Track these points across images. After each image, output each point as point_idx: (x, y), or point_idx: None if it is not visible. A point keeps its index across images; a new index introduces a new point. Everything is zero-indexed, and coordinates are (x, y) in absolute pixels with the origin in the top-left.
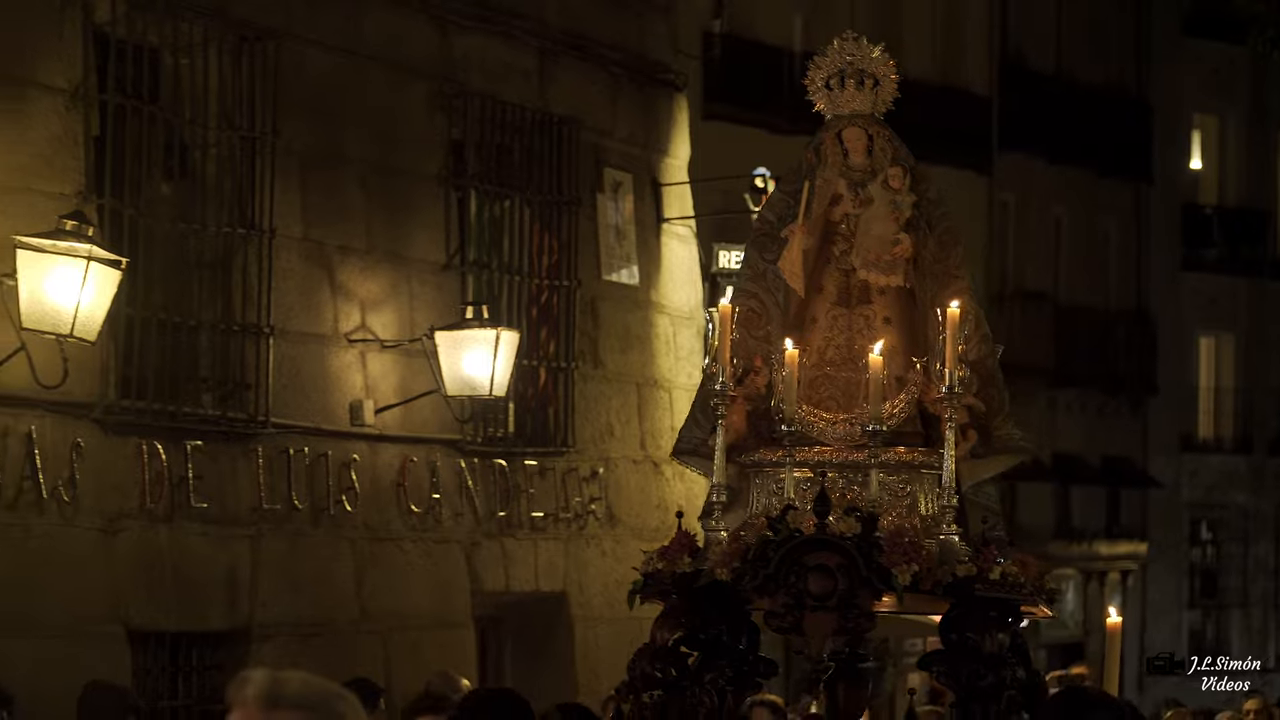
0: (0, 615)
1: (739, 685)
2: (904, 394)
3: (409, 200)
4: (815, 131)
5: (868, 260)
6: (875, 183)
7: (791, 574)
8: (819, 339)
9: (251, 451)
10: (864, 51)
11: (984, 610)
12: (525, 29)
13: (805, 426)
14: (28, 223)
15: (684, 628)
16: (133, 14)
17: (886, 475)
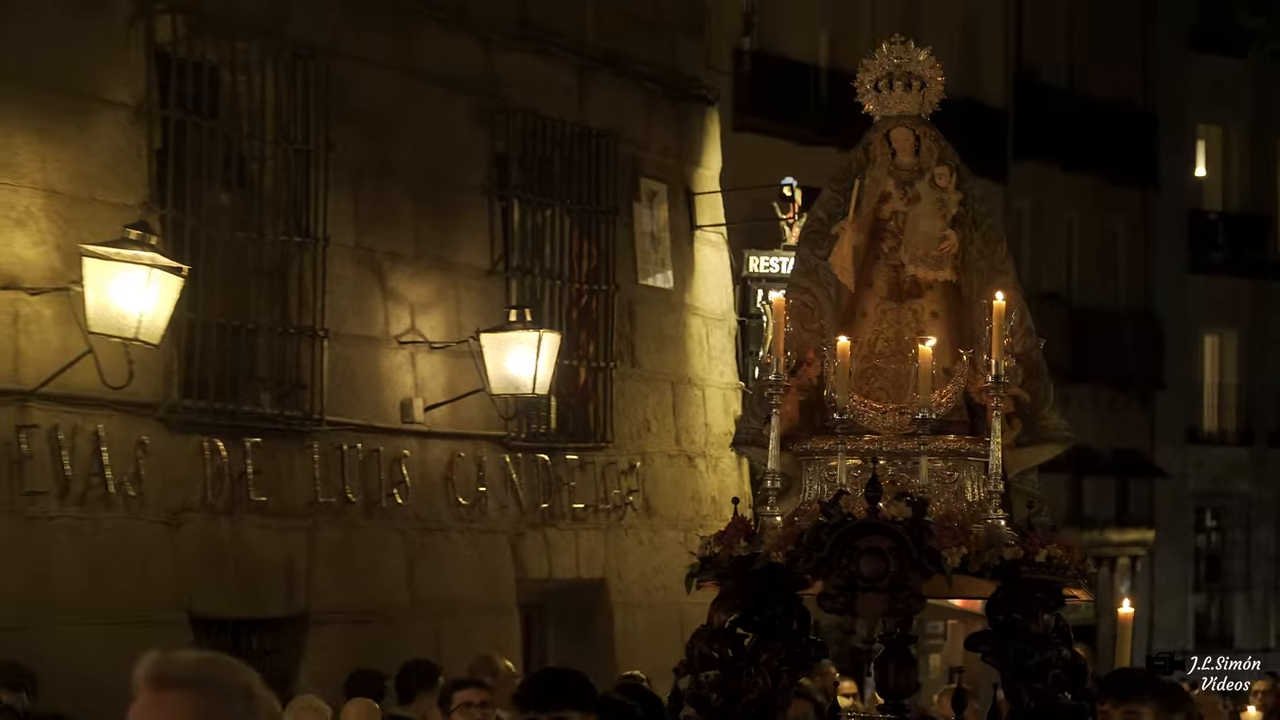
0: (71, 604)
1: (793, 666)
2: (951, 384)
3: (455, 209)
4: (841, 141)
5: (916, 256)
6: (922, 181)
7: (844, 557)
8: (869, 332)
9: (307, 448)
10: (911, 54)
11: (1030, 592)
12: (565, 47)
13: (856, 416)
14: (94, 232)
15: (740, 610)
16: (192, 34)
17: (935, 462)
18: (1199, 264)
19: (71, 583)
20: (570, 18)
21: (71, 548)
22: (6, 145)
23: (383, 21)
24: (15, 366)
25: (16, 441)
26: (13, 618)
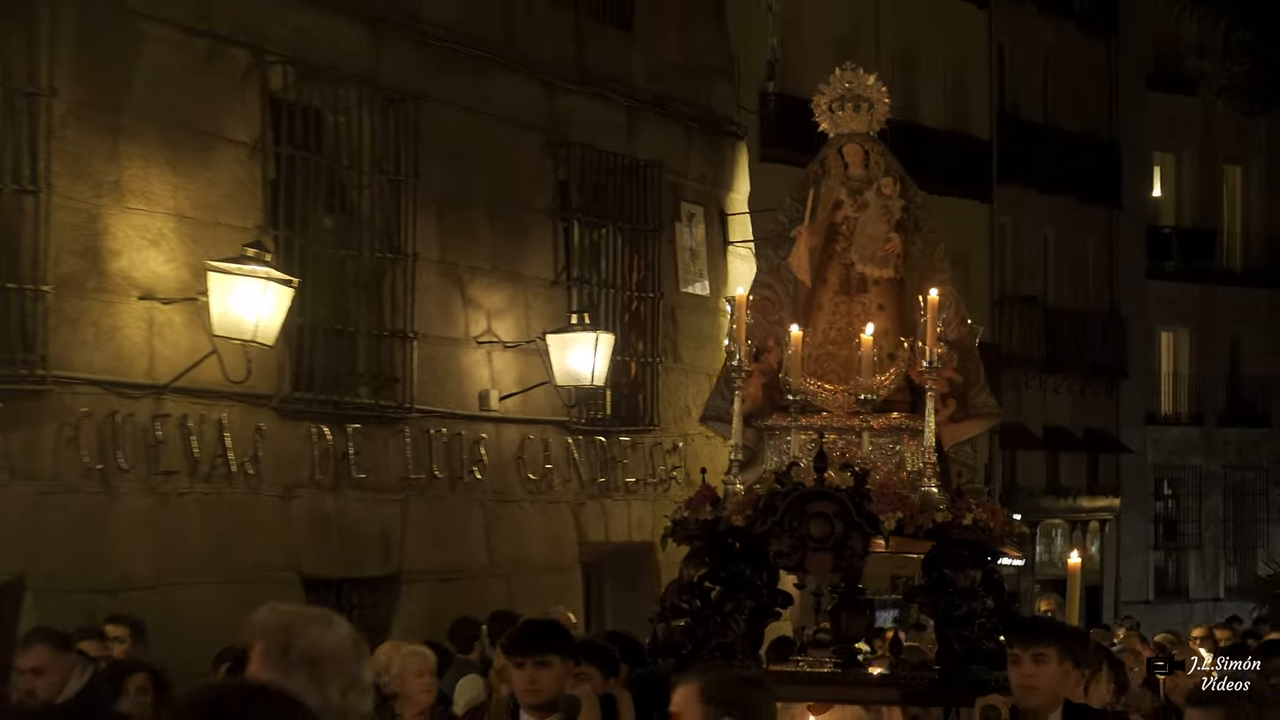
0: (198, 567)
1: (759, 615)
2: (893, 368)
3: (524, 229)
4: None
5: (864, 256)
6: (870, 190)
7: (795, 520)
8: (823, 322)
9: (400, 432)
10: (861, 80)
11: (959, 551)
12: (616, 91)
13: (809, 396)
14: (217, 250)
15: (707, 566)
16: (300, 81)
17: (877, 437)
18: (1156, 271)
19: (198, 549)
20: (621, 65)
21: (199, 519)
22: (143, 177)
23: (462, 70)
24: (151, 365)
25: (152, 428)
26: (149, 579)
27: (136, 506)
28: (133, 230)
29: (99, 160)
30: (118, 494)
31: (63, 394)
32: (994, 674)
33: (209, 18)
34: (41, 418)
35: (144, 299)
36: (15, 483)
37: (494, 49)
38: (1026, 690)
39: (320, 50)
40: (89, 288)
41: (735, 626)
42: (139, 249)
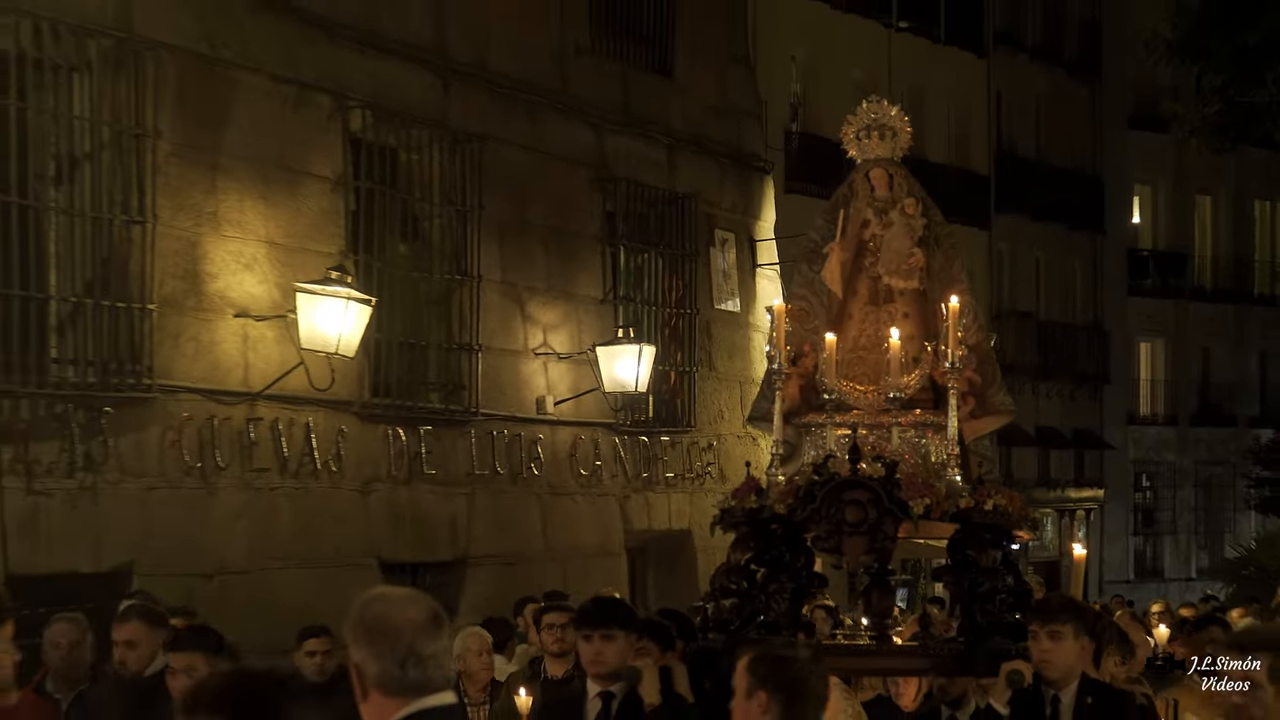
0: (288, 554)
1: (798, 594)
2: (918, 370)
3: (576, 254)
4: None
5: (890, 269)
6: (895, 210)
7: (832, 507)
8: (854, 329)
9: (466, 433)
10: (885, 110)
11: (980, 533)
12: (657, 131)
13: (843, 396)
14: (304, 273)
15: (752, 550)
16: (377, 124)
17: (905, 432)
18: (1135, 289)
19: (287, 538)
20: (661, 109)
21: (287, 511)
22: (238, 208)
23: (520, 113)
24: (245, 375)
25: (247, 431)
26: (243, 565)
27: (232, 500)
28: (229, 255)
29: (198, 194)
30: (215, 489)
31: (166, 401)
32: (1015, 644)
33: (296, 67)
34: (147, 422)
35: (239, 316)
36: (125, 480)
37: (549, 95)
38: (1044, 664)
39: (395, 96)
40: (189, 306)
41: (778, 605)
42: (234, 272)
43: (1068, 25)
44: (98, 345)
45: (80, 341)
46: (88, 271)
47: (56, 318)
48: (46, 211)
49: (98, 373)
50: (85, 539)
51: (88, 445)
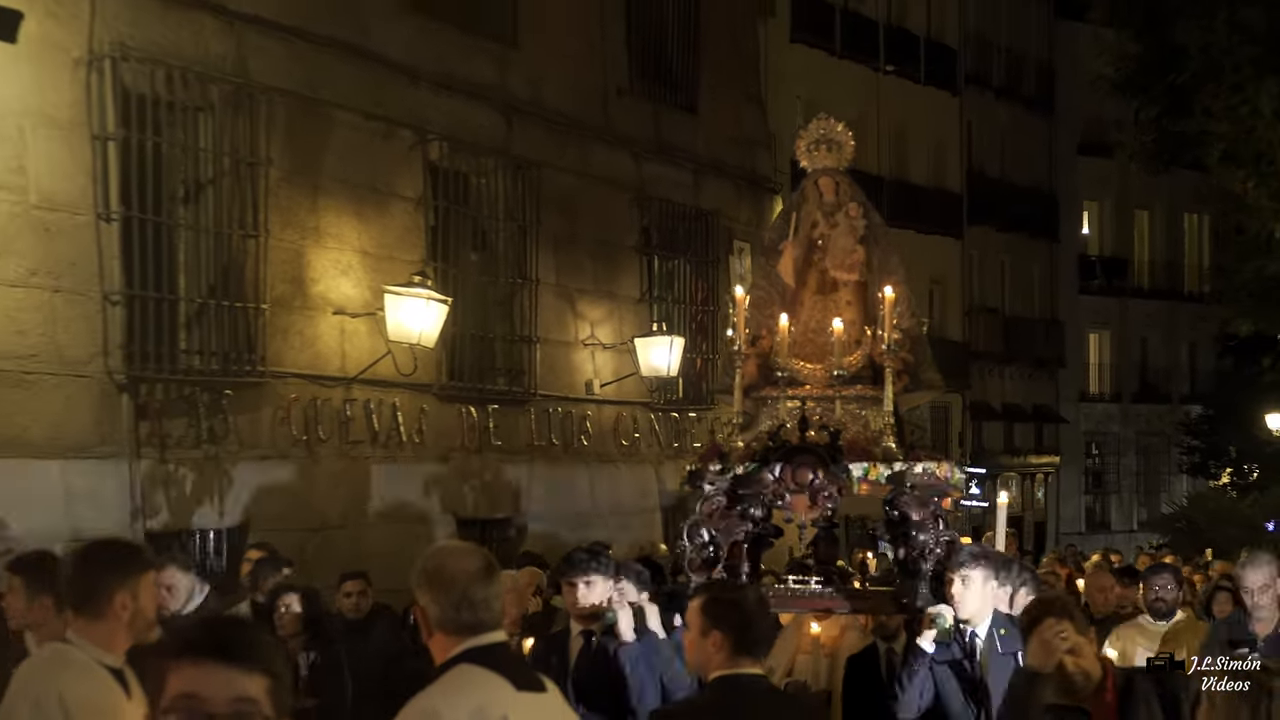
0: (378, 512)
1: (756, 544)
2: (859, 351)
3: (618, 262)
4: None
5: (836, 264)
6: (840, 213)
7: (785, 468)
8: (804, 315)
9: (527, 411)
10: (831, 126)
11: (912, 491)
12: (685, 158)
13: (794, 373)
14: (391, 278)
15: (716, 505)
16: (452, 153)
17: (848, 404)
18: (1085, 288)
19: (378, 498)
20: (688, 140)
21: (379, 476)
22: (337, 224)
23: (570, 144)
24: (343, 363)
25: (344, 410)
26: (340, 521)
27: (332, 468)
28: (328, 263)
29: (303, 212)
30: (318, 458)
31: (276, 385)
32: (943, 589)
33: (383, 106)
34: (261, 403)
35: (337, 314)
36: (242, 451)
37: (594, 129)
38: (958, 604)
39: (467, 130)
40: (295, 306)
41: (738, 553)
42: (333, 277)
43: (1026, 68)
44: (219, 339)
45: (205, 336)
46: (211, 277)
47: (185, 316)
48: (177, 228)
49: (219, 361)
50: (209, 500)
51: (211, 422)
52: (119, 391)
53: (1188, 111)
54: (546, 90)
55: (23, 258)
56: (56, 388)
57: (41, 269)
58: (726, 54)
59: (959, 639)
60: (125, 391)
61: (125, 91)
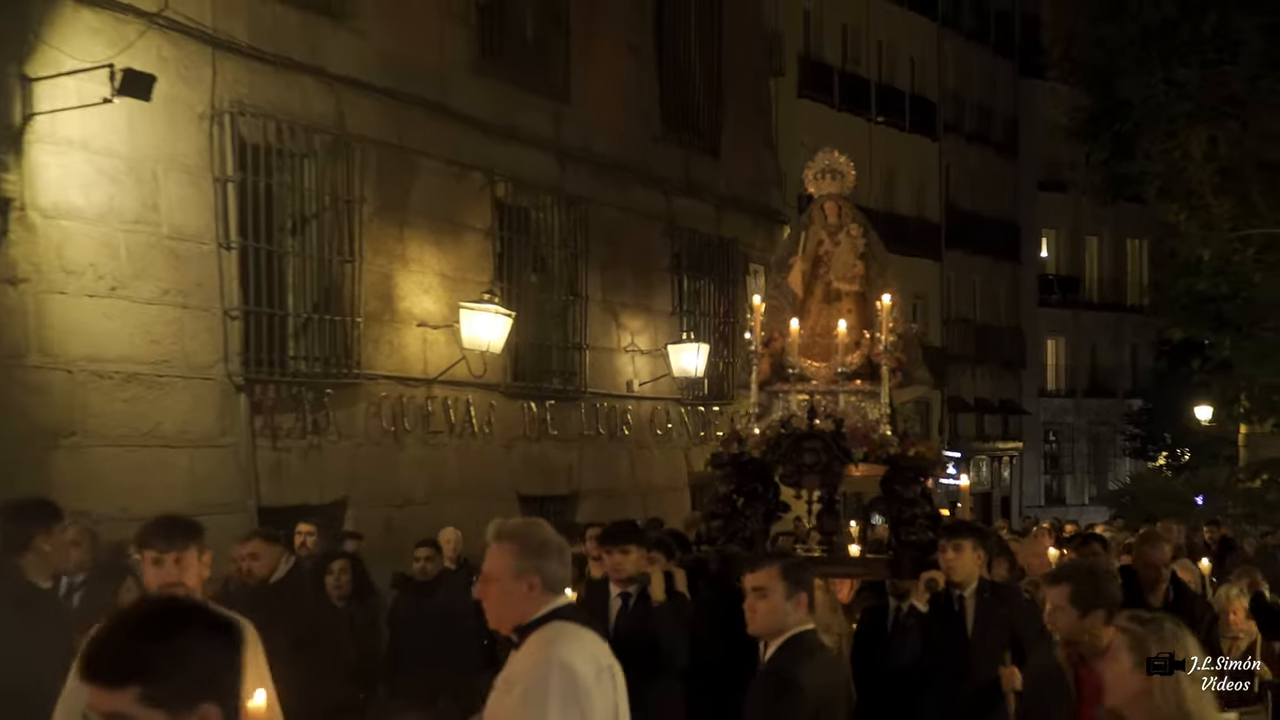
0: (454, 490)
1: (768, 516)
2: (859, 351)
3: (653, 281)
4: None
5: (839, 276)
6: (842, 232)
7: (794, 453)
8: (811, 320)
9: (578, 406)
10: (835, 158)
11: (905, 473)
12: (709, 194)
13: (803, 370)
14: (465, 296)
15: (734, 483)
16: (516, 191)
17: (849, 397)
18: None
19: (455, 478)
20: (712, 179)
21: (454, 461)
22: (419, 251)
23: (613, 184)
24: (424, 366)
25: (425, 405)
26: (423, 498)
27: (415, 454)
28: (412, 284)
29: (391, 241)
30: (404, 446)
31: (369, 385)
32: (931, 557)
33: (458, 153)
34: (356, 400)
35: (419, 326)
36: (340, 440)
37: (634, 171)
38: (950, 570)
39: (528, 172)
40: (385, 319)
41: (752, 524)
42: (416, 295)
43: (994, 118)
44: (321, 347)
45: (309, 344)
46: (314, 295)
47: (293, 328)
48: (285, 254)
49: (321, 365)
50: (313, 481)
51: (315, 416)
52: (237, 391)
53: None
54: (593, 139)
55: (157, 280)
56: (185, 389)
57: (172, 289)
58: (744, 107)
59: (949, 599)
60: (242, 391)
61: (242, 141)
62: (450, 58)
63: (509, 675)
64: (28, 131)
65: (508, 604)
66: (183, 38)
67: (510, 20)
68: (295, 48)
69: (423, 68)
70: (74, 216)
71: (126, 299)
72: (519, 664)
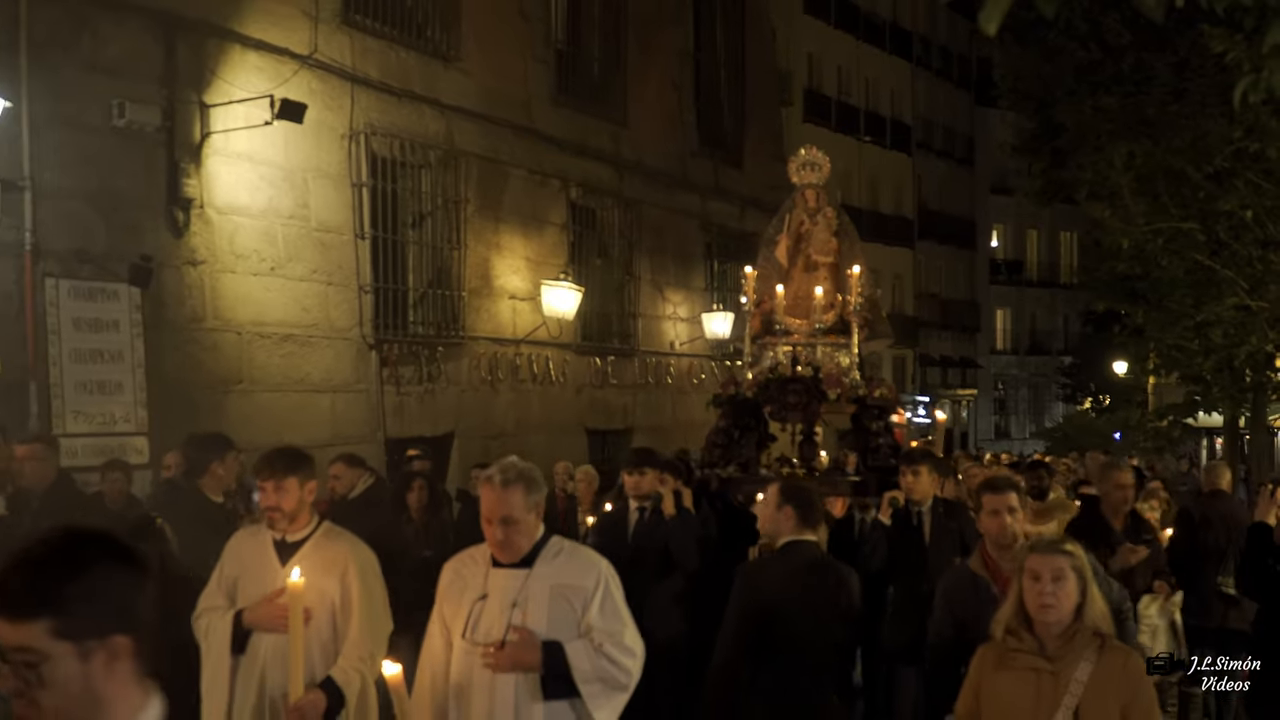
0: (538, 424)
1: (759, 445)
2: (833, 311)
3: (691, 265)
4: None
5: (816, 250)
6: (820, 214)
7: (780, 393)
8: (794, 286)
9: (633, 361)
10: (814, 152)
11: (870, 410)
12: (734, 198)
13: (787, 326)
14: (546, 275)
15: (731, 418)
16: (585, 195)
17: (825, 349)
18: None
19: (537, 416)
20: (736, 185)
21: (537, 403)
22: (510, 241)
23: (660, 189)
24: (514, 330)
25: (514, 360)
26: (513, 431)
27: (508, 397)
28: (505, 266)
29: (489, 233)
30: (498, 391)
31: (472, 345)
32: (893, 479)
33: (541, 165)
34: (461, 356)
35: (510, 299)
36: (449, 386)
37: (676, 178)
38: (910, 490)
39: (595, 179)
40: (484, 293)
41: (746, 452)
42: (508, 275)
43: (957, 137)
44: (435, 315)
45: (425, 313)
46: (429, 275)
47: (412, 300)
48: (407, 244)
49: (434, 329)
50: (427, 418)
51: (429, 368)
52: (369, 349)
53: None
54: (645, 154)
55: (307, 263)
56: (328, 347)
57: (319, 270)
58: (761, 129)
59: (909, 515)
60: (373, 349)
61: (373, 155)
62: (534, 91)
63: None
64: (205, 146)
65: (525, 535)
66: (328, 74)
67: (581, 62)
68: (415, 83)
69: (513, 98)
70: (242, 213)
71: (283, 277)
72: (566, 576)
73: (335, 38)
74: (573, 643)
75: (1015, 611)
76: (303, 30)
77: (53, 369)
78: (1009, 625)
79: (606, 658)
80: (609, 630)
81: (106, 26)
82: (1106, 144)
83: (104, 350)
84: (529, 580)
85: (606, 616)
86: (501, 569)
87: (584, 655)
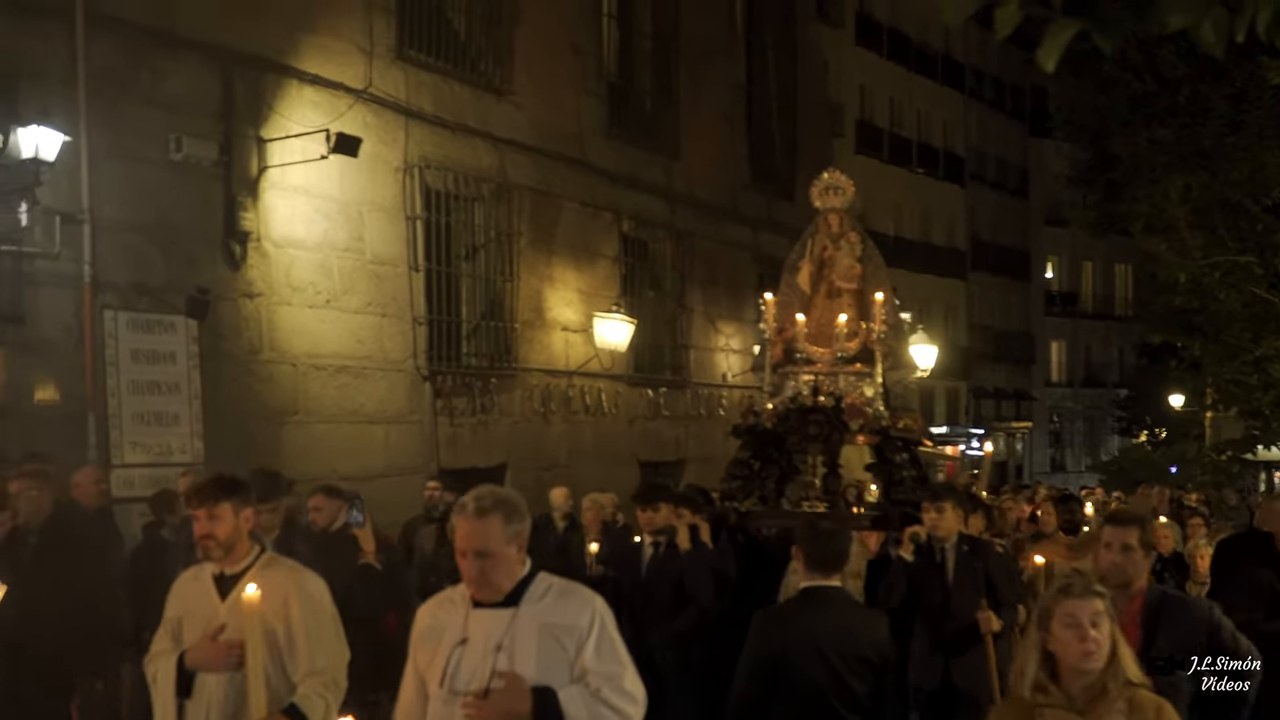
0: (588, 455)
1: (781, 479)
2: (857, 339)
3: (741, 297)
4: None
5: (840, 276)
6: (843, 239)
7: (801, 424)
8: (816, 313)
9: (685, 393)
10: (837, 177)
11: (895, 443)
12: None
13: (809, 355)
14: (598, 307)
15: (751, 450)
16: (638, 227)
17: (848, 378)
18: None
19: (589, 447)
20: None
21: (588, 434)
22: (563, 273)
23: (712, 222)
24: (566, 361)
25: (567, 391)
26: (566, 462)
27: (560, 428)
28: (557, 298)
29: (541, 265)
30: (551, 422)
31: (525, 376)
32: (917, 514)
33: (593, 197)
34: (515, 387)
35: (563, 330)
36: (502, 418)
37: (727, 211)
38: (934, 527)
39: (648, 212)
40: (537, 325)
41: (767, 485)
42: (561, 307)
43: (1010, 168)
44: (488, 346)
45: (479, 344)
46: (482, 307)
47: (466, 331)
48: (460, 275)
49: (488, 360)
50: (480, 450)
51: (482, 399)
52: (423, 380)
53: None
54: (696, 187)
55: (362, 295)
56: (383, 378)
57: (374, 302)
58: (813, 161)
59: (932, 551)
60: (427, 380)
61: (427, 188)
62: (587, 125)
63: (550, 626)
64: (262, 180)
65: (504, 571)
66: (382, 109)
67: (633, 96)
68: (468, 117)
69: (566, 132)
70: (298, 246)
71: (338, 309)
72: (556, 615)
73: (389, 72)
74: (566, 689)
75: (1041, 663)
76: (358, 65)
77: (110, 400)
78: (1036, 680)
79: (605, 704)
80: (607, 673)
81: (164, 62)
82: (1162, 176)
83: (161, 382)
84: (515, 621)
85: (603, 658)
86: (483, 609)
87: (579, 702)
